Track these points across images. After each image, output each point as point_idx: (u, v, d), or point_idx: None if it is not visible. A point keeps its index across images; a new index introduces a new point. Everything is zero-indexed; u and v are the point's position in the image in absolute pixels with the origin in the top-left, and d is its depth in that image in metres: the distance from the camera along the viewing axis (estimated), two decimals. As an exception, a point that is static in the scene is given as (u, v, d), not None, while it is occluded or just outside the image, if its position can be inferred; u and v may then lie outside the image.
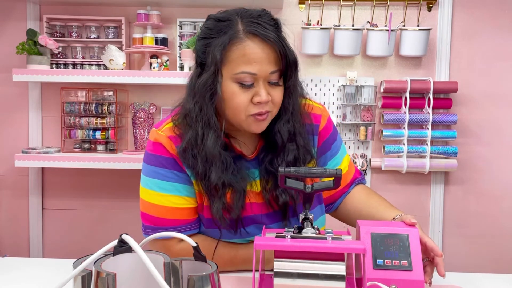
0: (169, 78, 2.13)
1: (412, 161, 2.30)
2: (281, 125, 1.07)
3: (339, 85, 2.36)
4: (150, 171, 1.08)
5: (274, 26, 1.00)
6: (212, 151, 1.01)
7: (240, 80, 0.99)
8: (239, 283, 1.00)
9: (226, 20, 1.00)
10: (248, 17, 0.99)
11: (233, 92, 0.99)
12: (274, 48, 0.98)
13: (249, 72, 0.97)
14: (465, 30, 2.34)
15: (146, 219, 1.09)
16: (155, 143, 1.07)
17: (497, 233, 2.41)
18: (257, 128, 1.04)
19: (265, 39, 0.97)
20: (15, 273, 1.08)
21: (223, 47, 0.98)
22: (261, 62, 0.97)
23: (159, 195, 1.06)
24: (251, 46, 0.97)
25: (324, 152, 1.19)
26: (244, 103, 1.00)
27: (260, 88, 0.99)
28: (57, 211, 2.46)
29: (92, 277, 0.63)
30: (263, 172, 1.10)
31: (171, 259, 0.68)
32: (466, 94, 2.36)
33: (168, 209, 1.06)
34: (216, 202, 1.04)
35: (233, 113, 1.02)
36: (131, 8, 2.31)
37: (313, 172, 0.90)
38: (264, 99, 0.99)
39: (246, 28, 0.98)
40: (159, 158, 1.06)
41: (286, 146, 1.07)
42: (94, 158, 2.16)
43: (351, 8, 2.33)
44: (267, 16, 1.01)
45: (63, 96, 2.32)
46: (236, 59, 0.98)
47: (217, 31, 1.00)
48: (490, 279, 1.07)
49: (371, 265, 0.89)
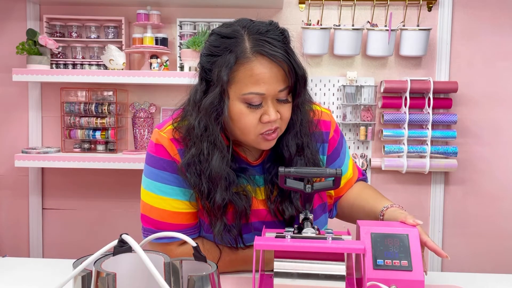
0: (169, 78, 2.13)
1: (412, 161, 2.30)
2: (289, 139, 1.05)
3: (339, 85, 2.36)
4: (151, 173, 1.06)
5: (282, 42, 0.96)
6: (218, 171, 0.99)
7: (248, 101, 0.96)
8: (239, 283, 1.00)
9: (232, 37, 0.96)
10: (256, 33, 0.95)
11: (241, 112, 0.97)
12: (282, 66, 0.95)
13: (257, 92, 0.95)
14: (465, 30, 2.34)
15: (146, 221, 1.07)
16: (157, 145, 1.05)
17: (497, 233, 2.41)
18: (266, 146, 1.03)
19: (273, 58, 0.94)
20: (15, 273, 1.08)
21: (229, 68, 0.94)
22: (269, 82, 0.95)
23: (160, 198, 1.05)
24: (258, 67, 0.94)
25: (334, 159, 1.19)
26: (253, 123, 0.98)
27: (268, 107, 0.97)
28: (57, 211, 2.46)
29: (92, 277, 0.63)
30: (268, 182, 1.08)
31: (171, 259, 0.68)
32: (466, 94, 2.36)
33: (169, 213, 1.05)
34: (218, 222, 1.02)
35: (241, 132, 1.00)
36: (131, 8, 2.31)
37: (313, 172, 0.91)
38: (273, 119, 0.97)
39: (254, 48, 0.94)
40: (160, 160, 1.04)
41: (294, 160, 1.06)
42: (94, 158, 2.16)
43: (351, 8, 2.33)
44: (275, 30, 0.97)
45: (63, 96, 2.32)
46: (243, 80, 0.95)
47: (223, 48, 0.96)
48: (490, 279, 1.07)
49: (371, 265, 0.89)
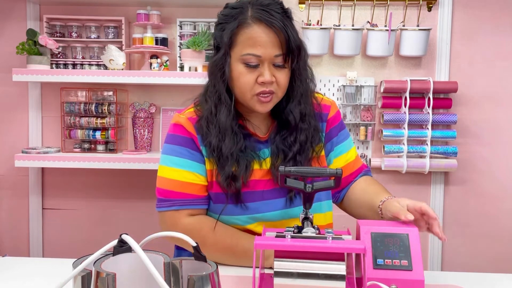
0: (169, 78, 2.13)
1: (412, 161, 2.30)
2: (293, 106, 1.16)
3: (339, 85, 2.36)
4: (167, 149, 1.18)
5: (281, 14, 1.08)
6: (225, 124, 1.11)
7: (246, 61, 1.08)
8: (239, 283, 1.00)
9: (238, 7, 1.10)
10: (258, 5, 1.09)
11: (239, 72, 1.09)
12: (278, 34, 1.07)
13: (254, 54, 1.07)
14: (465, 30, 2.34)
15: (160, 193, 1.17)
16: (175, 125, 1.18)
17: (497, 233, 2.41)
18: (262, 108, 1.12)
19: (270, 25, 1.06)
20: (15, 273, 1.08)
21: (232, 31, 1.08)
22: (265, 46, 1.07)
23: (173, 170, 1.15)
24: (256, 31, 1.07)
25: (331, 137, 1.25)
26: (250, 83, 1.09)
27: (264, 69, 1.08)
28: (57, 211, 2.46)
29: (92, 277, 0.63)
30: (274, 150, 1.17)
31: (171, 259, 0.68)
32: (466, 94, 2.36)
33: (181, 183, 1.15)
34: (225, 170, 1.12)
35: (240, 91, 1.12)
36: (131, 8, 2.31)
37: (313, 171, 0.91)
38: (267, 79, 1.08)
39: (254, 15, 1.07)
40: (177, 137, 1.17)
41: (299, 126, 1.16)
42: (94, 158, 2.16)
43: (351, 8, 2.33)
44: (276, 5, 1.10)
45: (63, 96, 2.32)
46: (242, 42, 1.08)
47: (230, 17, 1.10)
48: (490, 279, 1.07)
49: (371, 265, 0.89)
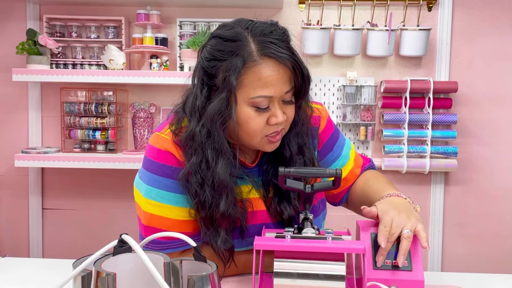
0: (169, 78, 2.13)
1: (412, 161, 2.30)
2: (291, 138, 1.05)
3: (339, 85, 2.36)
4: (153, 180, 1.00)
5: (285, 42, 0.96)
6: (224, 178, 0.96)
7: (256, 104, 0.95)
8: (239, 284, 1.00)
9: (236, 40, 0.94)
10: (260, 35, 0.94)
11: (249, 116, 0.96)
12: (288, 67, 0.95)
13: (265, 95, 0.94)
14: (465, 30, 2.34)
15: (147, 233, 1.01)
16: (161, 151, 1.00)
17: (497, 233, 2.41)
18: (271, 148, 1.02)
19: (281, 61, 0.93)
20: (15, 273, 1.08)
21: (237, 72, 0.92)
22: (276, 84, 0.94)
23: (163, 206, 1.00)
24: (266, 70, 0.93)
25: (325, 154, 1.17)
26: (261, 126, 0.97)
27: (276, 109, 0.96)
28: (57, 211, 2.46)
29: (92, 277, 0.63)
30: (265, 183, 1.08)
31: (171, 259, 0.68)
32: (466, 94, 2.36)
33: (173, 221, 1.00)
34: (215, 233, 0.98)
35: (247, 136, 0.99)
36: (131, 8, 2.31)
37: (313, 172, 0.91)
38: (281, 120, 0.97)
39: (261, 50, 0.93)
40: (163, 167, 1.00)
41: (294, 159, 1.05)
42: (94, 158, 2.16)
43: (351, 8, 2.33)
44: (277, 30, 0.96)
45: (63, 96, 2.32)
46: (251, 83, 0.94)
47: (227, 52, 0.94)
48: (490, 279, 1.07)
49: (371, 265, 0.89)
